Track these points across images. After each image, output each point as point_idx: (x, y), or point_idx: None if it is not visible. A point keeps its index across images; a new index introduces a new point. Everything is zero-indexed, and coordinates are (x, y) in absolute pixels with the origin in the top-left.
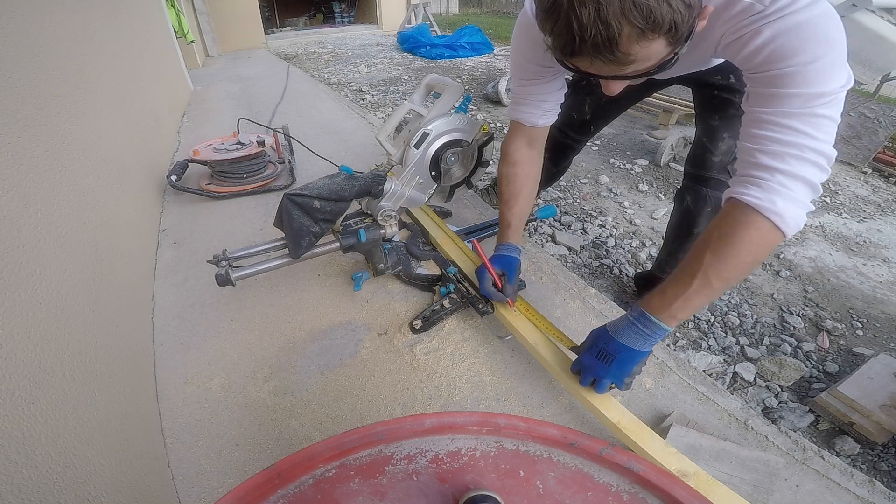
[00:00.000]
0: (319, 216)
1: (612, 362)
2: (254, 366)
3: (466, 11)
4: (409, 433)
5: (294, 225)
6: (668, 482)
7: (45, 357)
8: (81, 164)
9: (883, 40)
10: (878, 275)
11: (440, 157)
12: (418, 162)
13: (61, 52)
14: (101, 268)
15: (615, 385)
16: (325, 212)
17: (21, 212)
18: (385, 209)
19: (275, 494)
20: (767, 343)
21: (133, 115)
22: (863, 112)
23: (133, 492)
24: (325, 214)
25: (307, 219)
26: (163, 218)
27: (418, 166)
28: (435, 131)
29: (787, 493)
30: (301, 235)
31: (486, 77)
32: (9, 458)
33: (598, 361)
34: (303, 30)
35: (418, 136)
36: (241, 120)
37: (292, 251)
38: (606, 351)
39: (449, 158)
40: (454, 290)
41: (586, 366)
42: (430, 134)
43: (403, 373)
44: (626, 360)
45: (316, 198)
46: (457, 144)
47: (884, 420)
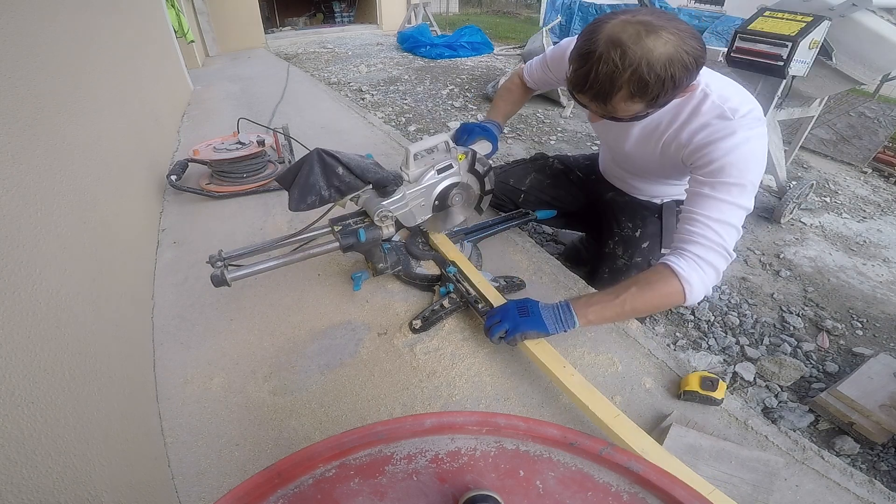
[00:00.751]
0: (335, 182)
1: (522, 317)
2: (254, 365)
3: (466, 11)
4: (409, 433)
5: (310, 179)
6: (668, 482)
7: (44, 357)
8: (81, 164)
9: (883, 40)
10: (878, 275)
11: (449, 193)
12: (431, 186)
13: (61, 52)
14: (101, 268)
15: (507, 331)
16: (343, 182)
17: (21, 212)
18: (383, 209)
19: (275, 494)
20: (767, 343)
21: (133, 115)
22: (863, 112)
23: (133, 492)
24: (340, 183)
25: (323, 179)
26: (163, 218)
27: (429, 190)
28: (458, 168)
29: (787, 493)
30: (310, 191)
31: (486, 77)
32: (9, 458)
33: (516, 310)
34: (303, 29)
35: (445, 164)
36: (241, 120)
37: (293, 203)
38: (526, 309)
39: (454, 198)
40: (454, 290)
41: (503, 308)
42: (454, 167)
43: (403, 373)
44: (532, 323)
45: (343, 164)
46: (466, 189)
47: (883, 420)
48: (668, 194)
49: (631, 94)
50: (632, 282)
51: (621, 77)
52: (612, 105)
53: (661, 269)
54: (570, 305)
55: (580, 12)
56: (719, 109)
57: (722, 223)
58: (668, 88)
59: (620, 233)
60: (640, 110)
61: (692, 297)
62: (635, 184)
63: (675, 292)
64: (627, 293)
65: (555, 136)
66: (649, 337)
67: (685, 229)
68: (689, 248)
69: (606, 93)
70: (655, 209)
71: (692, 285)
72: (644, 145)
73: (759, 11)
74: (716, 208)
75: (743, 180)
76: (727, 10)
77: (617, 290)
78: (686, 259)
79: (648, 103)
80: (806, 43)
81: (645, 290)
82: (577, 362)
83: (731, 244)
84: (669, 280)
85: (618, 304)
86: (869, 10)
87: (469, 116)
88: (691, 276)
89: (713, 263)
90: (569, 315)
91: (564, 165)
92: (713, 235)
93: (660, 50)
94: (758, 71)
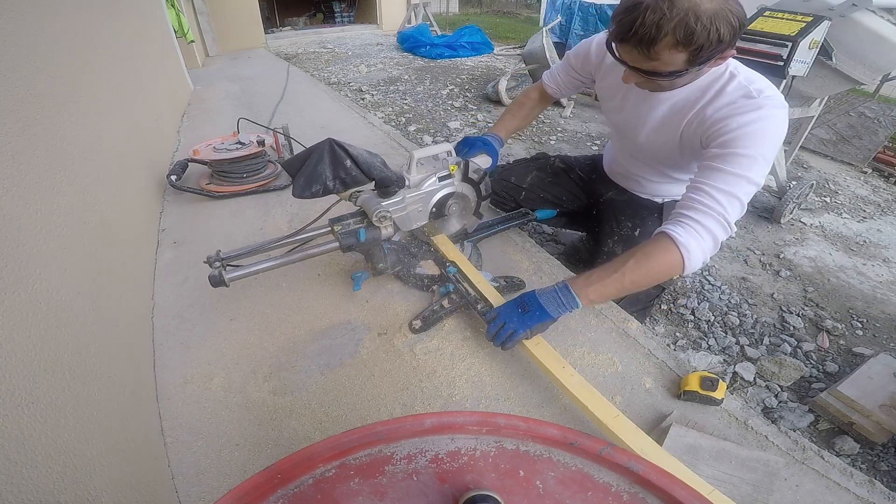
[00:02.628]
0: (342, 174)
1: (525, 312)
2: (254, 365)
3: (466, 11)
4: (409, 433)
5: (318, 168)
6: (668, 482)
7: (44, 357)
8: (81, 164)
9: (883, 40)
10: (877, 275)
11: (446, 202)
12: (431, 193)
13: (61, 52)
14: (101, 268)
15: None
16: (349, 175)
17: (21, 212)
18: (382, 210)
19: (275, 494)
20: (767, 343)
21: (133, 115)
22: (863, 112)
23: (133, 492)
24: (346, 176)
25: (330, 170)
26: (163, 217)
27: (428, 196)
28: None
29: (787, 492)
30: (315, 180)
31: (486, 77)
32: (9, 458)
33: (515, 309)
34: (303, 29)
35: (445, 172)
36: (241, 120)
37: (297, 190)
38: (526, 303)
39: (451, 207)
40: (454, 290)
41: (502, 311)
42: (454, 177)
43: (403, 373)
44: (537, 315)
45: (352, 158)
46: (462, 199)
47: (883, 420)
48: (669, 193)
49: (676, 42)
50: (630, 254)
51: (668, 24)
52: (655, 52)
53: (658, 238)
54: (569, 286)
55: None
56: (745, 89)
57: (726, 193)
58: (713, 42)
59: (620, 232)
60: (681, 65)
61: (690, 264)
62: (642, 180)
63: (674, 261)
64: (626, 266)
65: (555, 137)
66: (649, 337)
67: (688, 197)
68: (689, 214)
69: (652, 38)
70: (655, 209)
71: (690, 252)
72: (667, 128)
73: (759, 11)
74: (722, 179)
75: (754, 152)
76: None
77: (615, 264)
78: (683, 226)
79: (691, 55)
80: (806, 43)
81: (642, 261)
82: (577, 362)
83: (733, 216)
84: (668, 248)
85: (617, 278)
86: (869, 10)
87: (469, 116)
88: (689, 242)
89: (711, 230)
90: (569, 296)
91: (565, 164)
92: (714, 204)
93: (706, 4)
94: (758, 71)
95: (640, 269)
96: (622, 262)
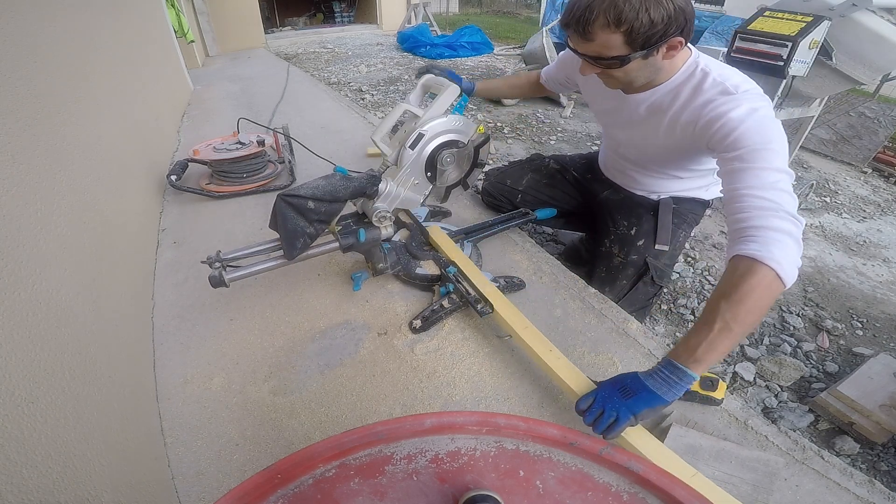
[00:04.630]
0: (314, 217)
1: (630, 397)
2: (253, 365)
3: (466, 11)
4: (409, 433)
5: (288, 226)
6: (668, 482)
7: (45, 357)
8: (81, 164)
9: (883, 40)
10: (878, 275)
11: (436, 158)
12: (414, 163)
13: (61, 52)
14: (101, 268)
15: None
16: (320, 212)
17: (21, 212)
18: (380, 210)
19: (275, 494)
20: (767, 343)
21: (133, 115)
22: (863, 112)
23: (133, 492)
24: (319, 215)
25: (301, 219)
26: (163, 217)
27: (413, 167)
28: (430, 132)
29: (787, 492)
30: (295, 236)
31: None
32: (9, 458)
33: (616, 392)
34: (303, 29)
35: (414, 136)
36: (241, 120)
37: (287, 252)
38: (628, 387)
39: (445, 159)
40: (454, 290)
41: (601, 396)
42: (425, 135)
43: (403, 373)
44: (645, 399)
45: (310, 198)
46: (453, 145)
47: (883, 420)
48: (666, 189)
49: (607, 22)
50: (717, 298)
51: (600, 5)
52: (591, 32)
53: (736, 265)
54: (672, 360)
55: None
56: (721, 86)
57: (768, 188)
58: (644, 23)
59: (616, 231)
60: (621, 47)
61: (787, 274)
62: (636, 176)
63: (769, 280)
64: (720, 313)
65: (555, 136)
66: (649, 337)
67: (733, 210)
68: (750, 225)
69: (586, 20)
70: (651, 206)
71: (780, 262)
72: (649, 127)
73: (759, 11)
74: (754, 176)
75: (769, 144)
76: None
77: (707, 317)
78: (754, 239)
79: (626, 37)
80: (806, 43)
81: (735, 298)
82: (577, 362)
83: (792, 207)
84: (753, 271)
85: (721, 329)
86: (869, 10)
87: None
88: (772, 252)
89: (783, 229)
90: (678, 371)
91: (560, 165)
92: (765, 203)
93: None
94: (758, 71)
95: (740, 308)
96: (713, 309)
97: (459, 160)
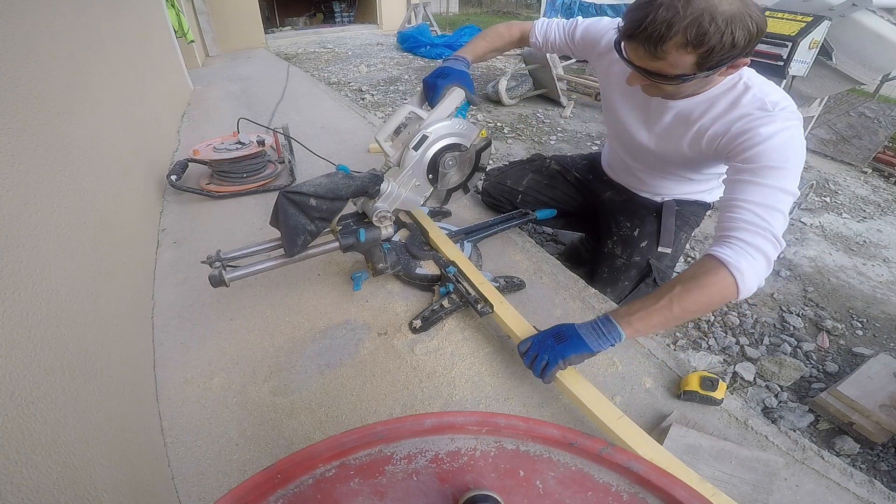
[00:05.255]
0: (315, 214)
1: (562, 342)
2: (254, 365)
3: (466, 11)
4: (409, 433)
5: (290, 223)
6: (668, 482)
7: (45, 357)
8: (81, 164)
9: (883, 40)
10: (878, 275)
11: (438, 161)
12: (416, 164)
13: (61, 51)
14: (101, 268)
15: (548, 363)
16: (321, 210)
17: (21, 212)
18: (380, 210)
19: (275, 494)
20: (767, 343)
21: (133, 115)
22: (863, 112)
23: (133, 492)
24: (321, 213)
25: (303, 217)
26: (163, 217)
27: (416, 168)
28: (434, 134)
29: (787, 492)
30: (297, 234)
31: (486, 77)
32: (9, 458)
33: (551, 338)
34: (303, 29)
35: (417, 138)
36: (241, 120)
37: (287, 249)
38: (562, 334)
39: (447, 162)
40: (453, 290)
41: (538, 340)
42: (429, 137)
43: (403, 373)
44: (573, 345)
45: (312, 196)
46: (455, 149)
47: (883, 420)
48: (671, 192)
49: (686, 42)
50: (676, 280)
51: (681, 22)
52: (663, 51)
53: (705, 262)
54: (611, 317)
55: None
56: (760, 102)
57: (766, 207)
58: (726, 46)
59: (619, 232)
60: (689, 68)
61: (745, 286)
62: (643, 177)
63: (726, 284)
64: (672, 293)
65: (555, 137)
66: (649, 337)
67: (726, 217)
68: (734, 235)
69: (661, 36)
70: (654, 208)
71: (743, 274)
72: (673, 134)
73: None
74: (758, 192)
75: (785, 164)
76: None
77: (660, 292)
78: (731, 246)
79: (700, 58)
80: (806, 43)
81: (691, 286)
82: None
83: (779, 230)
84: (718, 272)
85: (663, 306)
86: (869, 10)
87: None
88: (740, 263)
89: (761, 249)
90: (611, 326)
91: (561, 166)
92: (757, 220)
93: (725, 6)
94: (758, 71)
95: (690, 296)
96: (668, 289)
97: (461, 164)
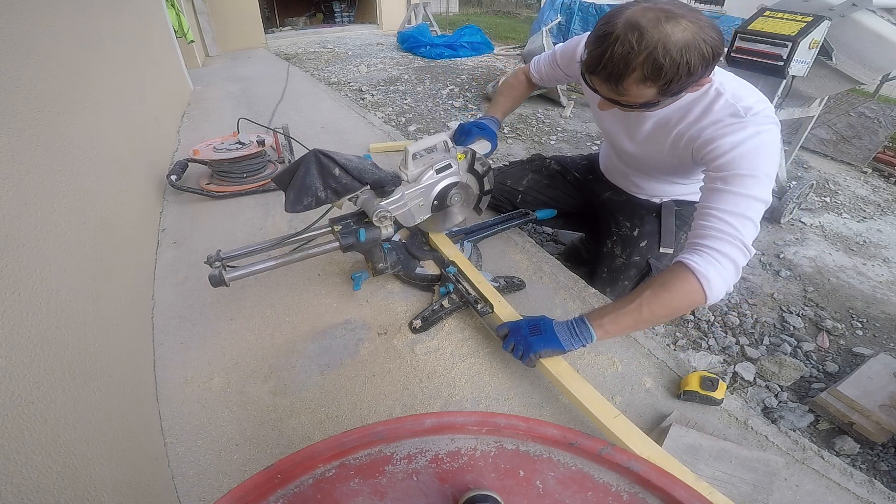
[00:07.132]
0: (332, 184)
1: (534, 336)
2: (253, 365)
3: (466, 11)
4: (409, 433)
5: (306, 180)
6: (668, 482)
7: (45, 357)
8: (81, 164)
9: (883, 40)
10: (878, 275)
11: (448, 193)
12: (430, 186)
13: (61, 51)
14: (101, 268)
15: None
16: (340, 183)
17: (21, 212)
18: (382, 210)
19: (275, 494)
20: (767, 343)
21: (133, 115)
22: (863, 112)
23: (133, 492)
24: (337, 185)
25: (319, 180)
26: (163, 217)
27: (428, 190)
28: (456, 167)
29: (787, 492)
30: (305, 193)
31: (486, 77)
32: (9, 458)
33: (527, 329)
34: (303, 29)
35: (444, 163)
36: (241, 120)
37: (289, 205)
38: (539, 327)
39: (453, 197)
40: (453, 290)
41: (515, 328)
42: (453, 167)
43: (403, 373)
44: (546, 340)
45: (340, 165)
46: (464, 189)
47: (883, 420)
48: (668, 194)
49: (644, 77)
50: (646, 285)
51: (636, 58)
52: (625, 87)
53: (675, 268)
54: (585, 318)
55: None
56: (732, 108)
57: (736, 216)
58: (683, 75)
59: (619, 232)
60: (652, 97)
61: (712, 293)
62: (638, 181)
63: (693, 290)
64: (642, 297)
65: (555, 136)
66: (649, 337)
67: (698, 225)
68: (703, 243)
69: (620, 73)
70: (653, 208)
71: (710, 281)
72: (654, 142)
73: (759, 11)
74: (730, 201)
75: (756, 171)
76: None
77: (631, 295)
78: (700, 254)
79: (661, 89)
80: (806, 43)
81: (660, 291)
82: (576, 362)
83: (749, 238)
84: (685, 278)
85: (633, 309)
86: (869, 10)
87: (469, 116)
88: (708, 271)
89: (730, 256)
90: (584, 328)
91: (561, 166)
92: (728, 228)
93: (678, 36)
94: (758, 71)
95: (659, 301)
96: (639, 293)
97: (463, 203)
